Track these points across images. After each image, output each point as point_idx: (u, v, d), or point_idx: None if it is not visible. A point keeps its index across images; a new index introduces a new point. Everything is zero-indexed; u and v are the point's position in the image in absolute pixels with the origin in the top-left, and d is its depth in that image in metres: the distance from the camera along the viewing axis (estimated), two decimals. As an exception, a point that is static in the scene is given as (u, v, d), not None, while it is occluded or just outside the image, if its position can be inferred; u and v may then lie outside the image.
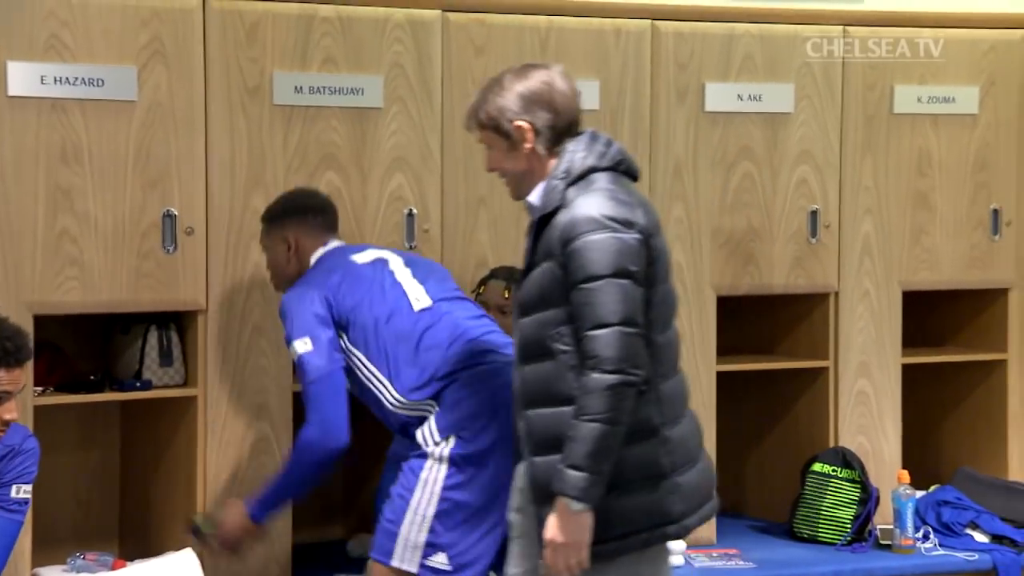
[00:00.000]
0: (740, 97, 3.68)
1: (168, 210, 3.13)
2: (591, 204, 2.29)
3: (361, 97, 3.29)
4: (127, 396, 3.26)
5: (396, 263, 2.86)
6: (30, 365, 2.61)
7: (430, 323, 2.68)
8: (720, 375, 3.75)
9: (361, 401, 2.76)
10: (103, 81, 3.07)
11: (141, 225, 3.12)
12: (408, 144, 3.34)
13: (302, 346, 2.63)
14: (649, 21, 3.56)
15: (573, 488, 2.21)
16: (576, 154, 2.37)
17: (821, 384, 3.87)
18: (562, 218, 2.25)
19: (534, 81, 2.40)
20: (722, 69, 3.65)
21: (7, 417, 2.52)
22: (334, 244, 2.91)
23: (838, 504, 3.74)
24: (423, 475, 2.62)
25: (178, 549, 3.14)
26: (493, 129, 2.41)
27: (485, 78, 3.08)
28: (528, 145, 2.38)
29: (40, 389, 3.11)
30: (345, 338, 2.72)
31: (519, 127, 2.35)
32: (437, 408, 2.62)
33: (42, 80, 2.99)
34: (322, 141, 3.25)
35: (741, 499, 4.11)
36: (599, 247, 2.28)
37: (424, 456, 2.63)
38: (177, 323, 3.27)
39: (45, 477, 3.01)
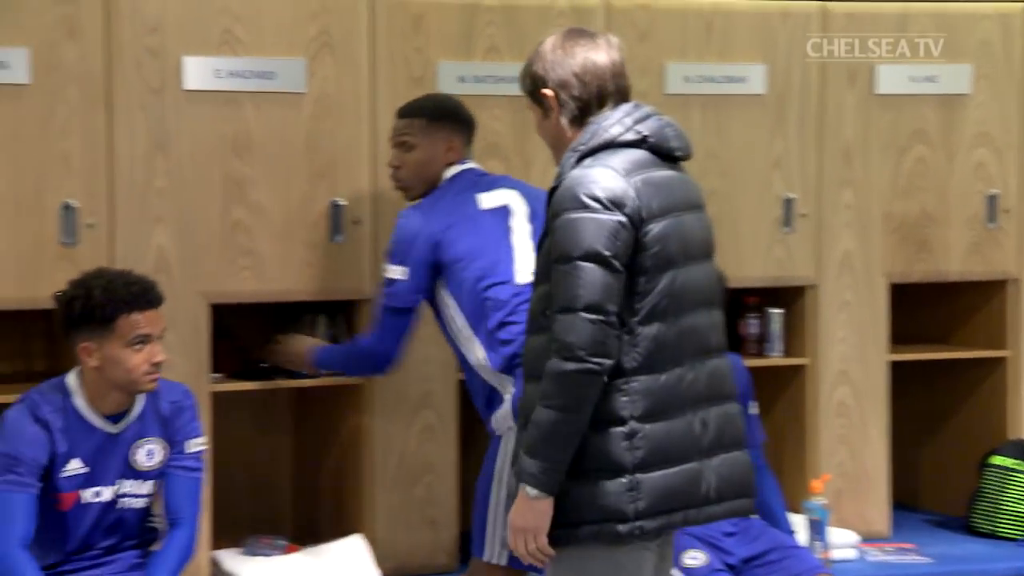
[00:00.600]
0: (913, 79, 3.67)
1: (335, 201, 3.24)
2: (581, 181, 2.25)
3: (524, 85, 3.40)
4: (300, 384, 3.36)
5: (519, 214, 2.86)
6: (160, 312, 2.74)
7: (525, 299, 2.63)
8: (893, 365, 3.75)
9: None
10: (274, 74, 3.23)
11: (310, 215, 3.27)
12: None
13: (398, 272, 2.77)
14: (819, 2, 3.59)
15: (527, 474, 2.20)
16: (600, 126, 2.33)
17: (1000, 374, 3.90)
18: (557, 193, 2.25)
19: (568, 50, 2.37)
20: (894, 50, 3.66)
21: (157, 359, 2.63)
22: (470, 164, 2.94)
23: (1020, 498, 3.71)
24: (498, 465, 2.67)
25: (348, 535, 3.26)
26: (530, 95, 2.42)
27: (648, 65, 3.07)
28: (555, 114, 2.38)
29: (217, 376, 3.23)
30: (444, 286, 2.77)
31: (545, 95, 2.35)
32: (514, 389, 2.63)
33: (216, 74, 3.16)
34: (486, 130, 3.28)
35: (916, 492, 4.15)
36: (575, 227, 2.25)
37: (498, 443, 2.70)
38: (346, 312, 3.36)
39: (222, 462, 3.19)
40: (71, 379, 2.71)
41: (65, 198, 3.12)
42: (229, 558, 3.32)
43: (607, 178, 2.27)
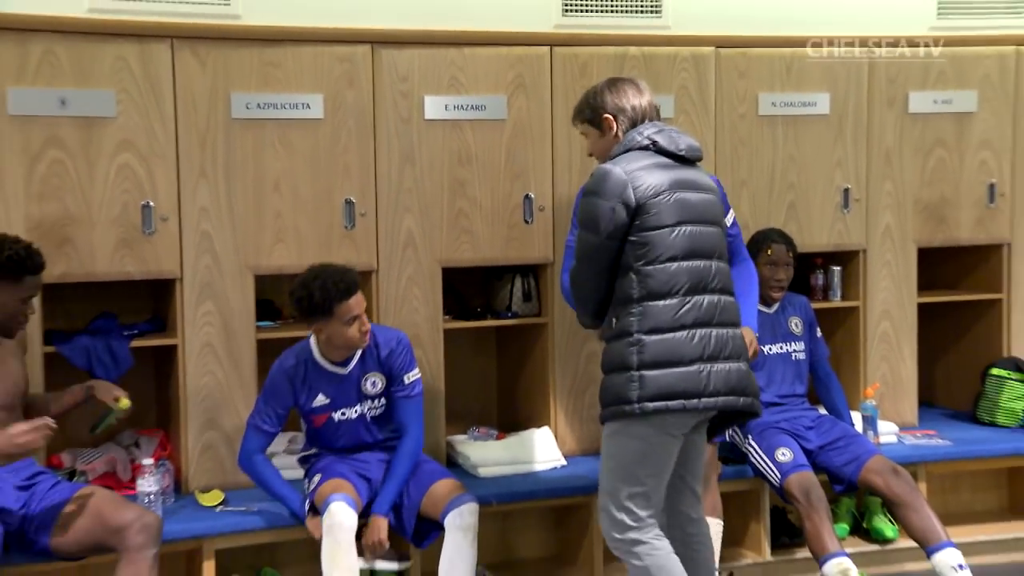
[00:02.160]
0: (935, 101, 4.40)
1: (527, 195, 4.00)
2: (593, 175, 2.96)
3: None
4: (501, 323, 4.16)
5: None
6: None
7: None
8: (920, 305, 4.47)
9: None
10: (484, 107, 3.96)
11: (509, 205, 4.00)
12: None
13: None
14: (867, 58, 4.33)
15: None
16: (626, 137, 3.01)
17: (996, 310, 4.58)
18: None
19: (621, 90, 3.06)
20: (921, 81, 4.38)
21: (365, 328, 3.37)
22: None
23: (1012, 398, 4.38)
24: None
25: (539, 427, 4.08)
26: (589, 122, 3.12)
27: (746, 94, 3.96)
28: (612, 131, 3.06)
29: (447, 318, 4.02)
30: None
31: (607, 119, 3.06)
32: None
33: (446, 107, 3.90)
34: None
35: (935, 394, 4.81)
36: (581, 208, 3.01)
37: None
38: (534, 272, 4.11)
39: (451, 376, 3.97)
40: (312, 341, 3.47)
41: (347, 195, 3.83)
42: (459, 442, 4.05)
43: (612, 171, 2.91)
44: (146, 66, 3.61)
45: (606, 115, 3.06)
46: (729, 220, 3.48)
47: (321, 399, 3.48)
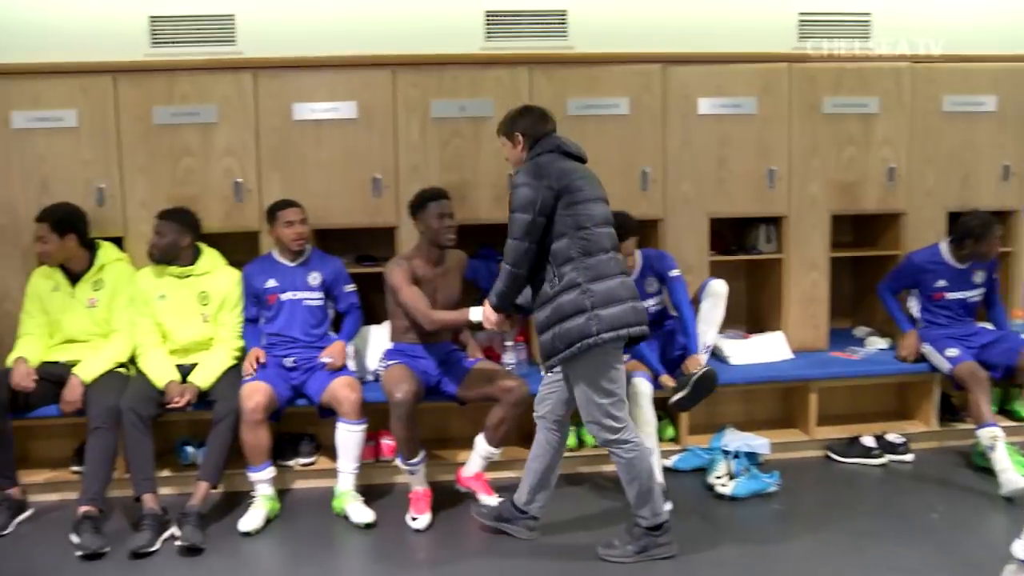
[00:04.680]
0: None
1: (771, 168, 5.22)
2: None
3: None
4: (750, 258, 5.40)
5: None
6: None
7: None
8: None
9: None
10: (740, 105, 5.16)
11: (756, 175, 5.21)
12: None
13: None
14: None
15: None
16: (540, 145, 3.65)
17: None
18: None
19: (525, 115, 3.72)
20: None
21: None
22: None
23: None
24: None
25: (774, 331, 5.25)
26: (506, 135, 3.78)
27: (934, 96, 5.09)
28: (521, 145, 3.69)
29: (712, 253, 5.23)
30: None
31: (515, 135, 3.74)
32: None
33: (713, 106, 5.12)
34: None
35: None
36: (514, 195, 3.53)
37: None
38: (775, 223, 5.30)
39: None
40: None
41: (642, 166, 5.05)
42: (718, 339, 5.08)
43: (536, 166, 3.54)
44: (515, 82, 5.10)
45: (516, 132, 3.79)
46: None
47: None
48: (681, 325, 4.71)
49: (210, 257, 4.79)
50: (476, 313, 4.12)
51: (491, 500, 4.46)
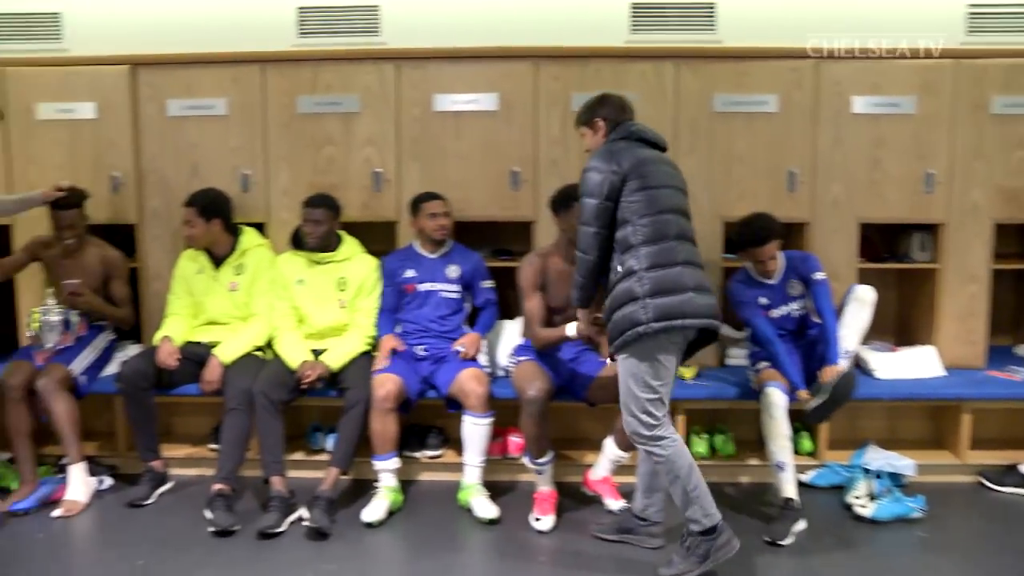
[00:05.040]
0: None
1: (929, 171, 4.89)
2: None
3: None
4: (902, 266, 5.14)
5: None
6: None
7: None
8: None
9: None
10: (898, 104, 4.85)
11: (912, 178, 4.91)
12: None
13: None
14: None
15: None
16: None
17: None
18: None
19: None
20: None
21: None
22: None
23: None
24: None
25: (925, 345, 4.93)
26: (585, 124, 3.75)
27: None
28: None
29: (861, 260, 4.96)
30: None
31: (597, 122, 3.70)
32: None
33: (867, 105, 4.86)
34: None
35: None
36: (584, 180, 3.52)
37: None
38: (932, 230, 4.98)
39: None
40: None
41: (790, 167, 4.85)
42: (862, 350, 4.88)
43: (607, 152, 3.50)
44: (660, 77, 4.96)
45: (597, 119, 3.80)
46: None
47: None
48: (822, 332, 4.47)
49: (350, 244, 4.86)
50: (571, 328, 4.10)
51: (617, 505, 4.35)
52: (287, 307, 4.79)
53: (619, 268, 3.52)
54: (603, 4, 5.21)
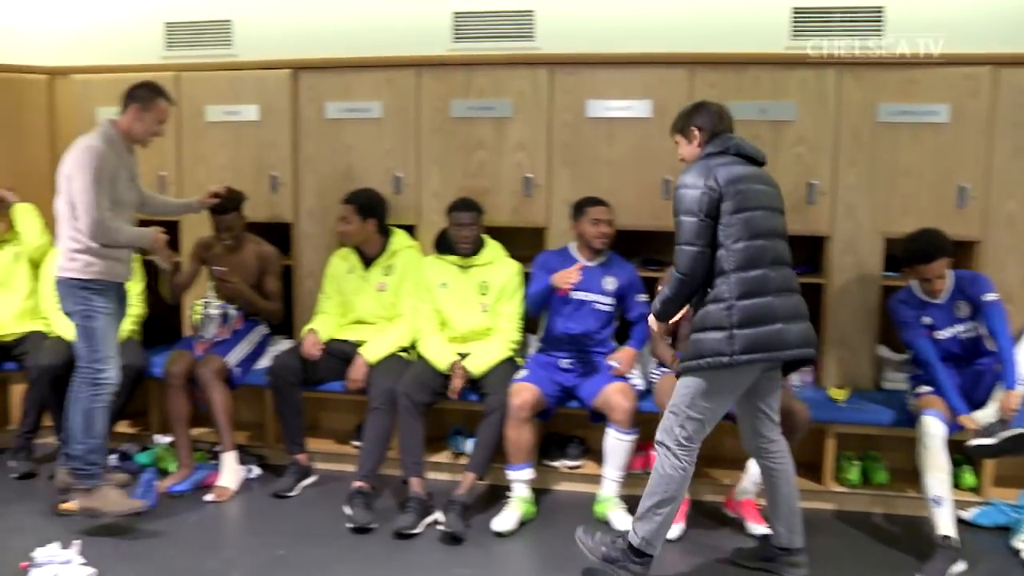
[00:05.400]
0: None
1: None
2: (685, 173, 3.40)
3: None
4: None
5: None
6: None
7: None
8: None
9: None
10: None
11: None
12: None
13: None
14: None
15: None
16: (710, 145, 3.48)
17: None
18: None
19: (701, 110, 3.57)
20: None
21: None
22: None
23: None
24: None
25: None
26: (680, 132, 3.63)
27: None
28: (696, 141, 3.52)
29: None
30: None
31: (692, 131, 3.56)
32: None
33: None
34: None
35: None
36: (678, 197, 3.39)
37: None
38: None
39: None
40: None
41: (960, 182, 4.56)
42: None
43: (699, 168, 3.41)
44: (820, 84, 4.75)
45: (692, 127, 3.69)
46: None
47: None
48: (998, 355, 4.18)
49: (492, 248, 4.87)
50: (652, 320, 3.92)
51: (759, 529, 4.18)
52: (430, 310, 4.83)
53: (710, 291, 3.44)
54: (763, 8, 5.02)
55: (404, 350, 4.84)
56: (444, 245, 4.89)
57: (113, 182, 4.11)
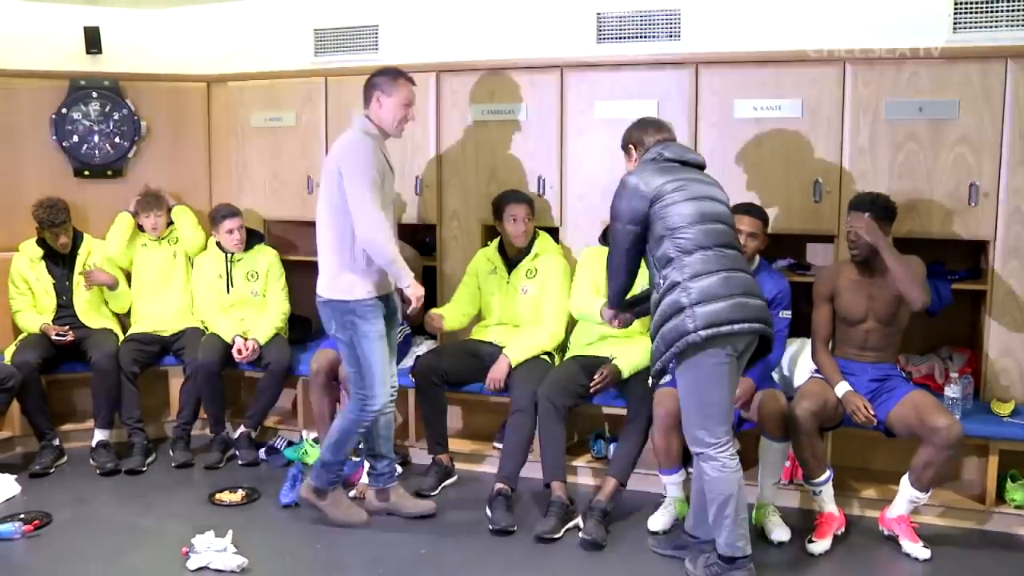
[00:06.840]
0: None
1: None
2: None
3: None
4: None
5: None
6: None
7: None
8: None
9: None
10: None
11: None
12: None
13: None
14: None
15: None
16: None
17: None
18: None
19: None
20: None
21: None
22: None
23: None
24: None
25: None
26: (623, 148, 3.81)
27: None
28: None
29: None
30: None
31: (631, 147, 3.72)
32: None
33: None
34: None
35: None
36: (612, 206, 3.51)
37: None
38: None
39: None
40: None
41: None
42: None
43: (638, 173, 3.52)
44: (984, 80, 4.44)
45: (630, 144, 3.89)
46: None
47: None
48: None
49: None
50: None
51: (916, 549, 3.98)
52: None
53: (661, 283, 3.52)
54: (920, 1, 4.73)
55: (547, 354, 4.79)
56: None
57: (382, 180, 4.02)
